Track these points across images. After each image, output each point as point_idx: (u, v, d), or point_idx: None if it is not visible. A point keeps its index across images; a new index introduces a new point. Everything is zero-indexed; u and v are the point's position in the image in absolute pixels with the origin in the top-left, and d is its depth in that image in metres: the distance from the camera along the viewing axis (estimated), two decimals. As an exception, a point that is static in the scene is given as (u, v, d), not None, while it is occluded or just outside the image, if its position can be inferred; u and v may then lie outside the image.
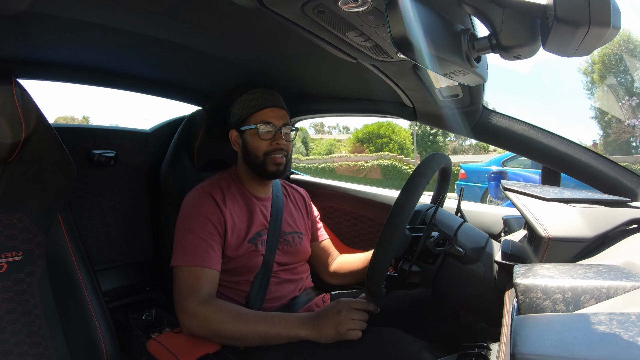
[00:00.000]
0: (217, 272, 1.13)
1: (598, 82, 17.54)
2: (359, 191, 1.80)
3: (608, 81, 16.93)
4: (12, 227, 0.93)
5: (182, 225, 1.16)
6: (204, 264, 1.10)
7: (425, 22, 0.58)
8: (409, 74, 1.09)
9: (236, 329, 1.02)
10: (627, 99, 15.34)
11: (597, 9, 0.52)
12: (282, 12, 0.76)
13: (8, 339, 0.89)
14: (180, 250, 1.12)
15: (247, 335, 1.02)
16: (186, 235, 1.13)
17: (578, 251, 0.81)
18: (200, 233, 1.13)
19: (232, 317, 1.03)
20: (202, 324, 1.04)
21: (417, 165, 0.94)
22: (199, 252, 1.11)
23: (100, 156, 1.47)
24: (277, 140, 1.24)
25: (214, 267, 1.12)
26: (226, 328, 1.02)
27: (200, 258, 1.10)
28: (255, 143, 1.24)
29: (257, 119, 1.24)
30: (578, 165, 1.18)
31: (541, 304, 0.56)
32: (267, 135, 1.23)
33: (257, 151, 1.24)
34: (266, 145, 1.24)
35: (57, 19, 1.00)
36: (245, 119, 1.25)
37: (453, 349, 0.90)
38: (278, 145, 1.24)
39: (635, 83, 16.47)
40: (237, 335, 1.03)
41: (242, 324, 1.03)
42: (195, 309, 1.04)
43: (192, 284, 1.08)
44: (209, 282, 1.10)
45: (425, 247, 0.95)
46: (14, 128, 0.89)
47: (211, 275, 1.11)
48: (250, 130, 1.24)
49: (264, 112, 1.24)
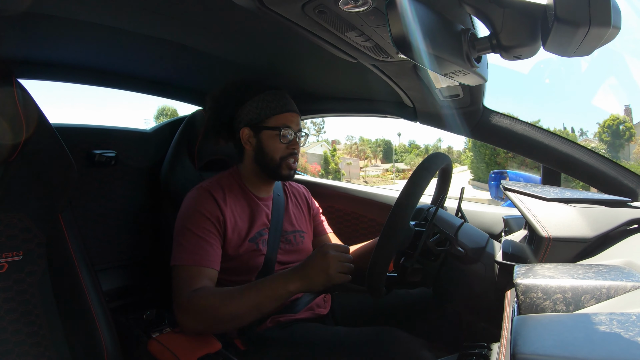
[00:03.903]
0: (216, 271, 1.12)
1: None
2: (360, 191, 1.80)
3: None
4: (13, 227, 0.93)
5: (181, 224, 1.16)
6: (203, 263, 1.10)
7: (425, 22, 0.58)
8: (410, 74, 1.09)
9: (228, 309, 1.00)
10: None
11: (598, 9, 0.52)
12: (282, 12, 0.76)
13: (8, 339, 0.89)
14: (179, 249, 1.12)
15: (239, 310, 1.00)
16: (185, 234, 1.13)
17: (578, 251, 0.81)
18: (199, 232, 1.13)
19: (220, 298, 1.02)
20: (196, 315, 1.02)
21: (422, 161, 0.94)
22: (197, 250, 1.10)
23: (101, 156, 1.47)
24: (293, 145, 1.26)
25: (213, 265, 1.12)
26: (218, 311, 1.00)
27: (198, 257, 1.10)
28: (273, 145, 1.24)
29: (278, 121, 1.24)
30: (578, 165, 1.18)
31: (542, 304, 0.56)
32: (286, 139, 1.25)
33: (275, 154, 1.25)
34: (283, 148, 1.25)
35: (58, 19, 1.00)
36: (265, 119, 1.25)
37: (453, 348, 0.90)
38: (294, 150, 1.26)
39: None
40: (230, 315, 1.01)
41: (230, 300, 1.01)
42: (189, 302, 1.02)
43: (189, 282, 1.07)
44: (206, 280, 1.09)
45: (426, 247, 0.95)
46: (15, 128, 0.89)
47: (209, 274, 1.10)
48: (270, 131, 1.24)
49: (286, 115, 1.26)
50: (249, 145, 1.28)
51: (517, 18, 0.63)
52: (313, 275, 1.00)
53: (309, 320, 1.24)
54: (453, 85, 1.10)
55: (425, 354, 0.97)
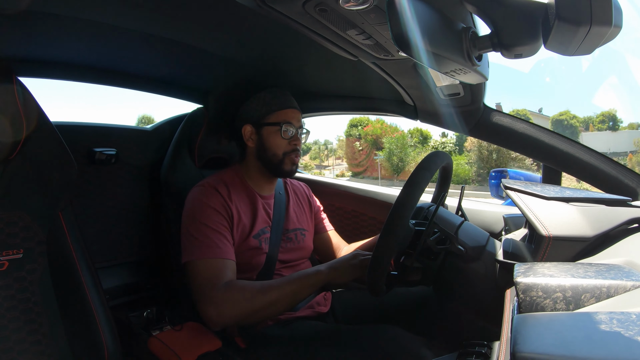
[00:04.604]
0: (234, 262, 1.12)
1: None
2: (360, 189, 1.80)
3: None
4: (13, 225, 0.93)
5: (191, 219, 1.14)
6: (222, 255, 1.09)
7: (426, 20, 0.58)
8: (410, 72, 1.09)
9: (267, 297, 1.03)
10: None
11: (599, 8, 0.52)
12: (283, 10, 0.76)
13: (9, 337, 0.89)
14: (194, 244, 1.10)
15: (278, 298, 1.04)
16: (199, 228, 1.12)
17: (579, 250, 0.81)
18: (213, 225, 1.12)
19: (257, 289, 1.04)
20: (234, 308, 1.02)
21: (421, 160, 0.93)
22: (214, 244, 1.10)
23: (102, 154, 1.47)
24: (295, 141, 1.27)
25: (231, 257, 1.11)
26: (258, 301, 1.02)
27: (218, 249, 1.09)
28: (276, 141, 1.25)
29: (279, 118, 1.25)
30: (579, 164, 1.18)
31: (542, 303, 0.56)
32: (288, 135, 1.25)
33: (277, 149, 1.25)
34: (285, 144, 1.26)
35: (58, 17, 1.00)
36: (266, 115, 1.26)
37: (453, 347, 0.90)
38: (296, 146, 1.27)
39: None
40: (268, 303, 1.03)
41: (269, 290, 1.04)
42: (223, 296, 1.02)
43: (214, 275, 1.06)
44: (230, 273, 1.09)
45: (426, 245, 0.95)
46: (15, 126, 0.89)
47: (231, 266, 1.10)
48: (271, 127, 1.25)
49: (287, 112, 1.27)
50: (251, 142, 1.28)
51: (518, 16, 0.63)
52: (340, 268, 1.09)
53: (309, 318, 1.24)
54: (454, 83, 1.10)
55: (425, 352, 0.97)
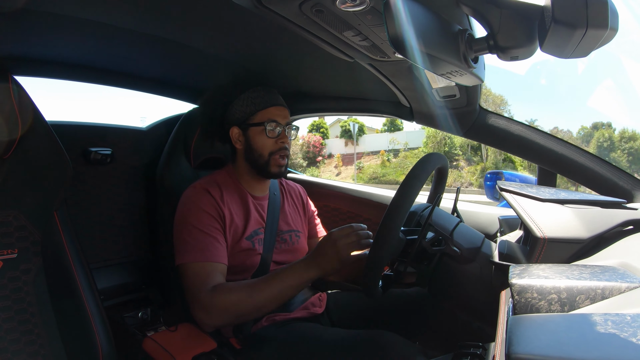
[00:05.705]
0: (225, 266, 1.12)
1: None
2: (355, 190, 1.80)
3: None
4: (7, 225, 0.92)
5: (183, 222, 1.15)
6: (212, 259, 1.09)
7: (422, 22, 0.58)
8: (406, 74, 1.10)
9: (254, 300, 1.03)
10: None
11: (595, 11, 0.52)
12: (279, 10, 0.76)
13: (3, 337, 0.88)
14: (186, 247, 1.11)
15: (266, 300, 1.03)
16: (190, 231, 1.12)
17: (574, 252, 0.81)
18: (204, 228, 1.12)
19: (245, 292, 1.03)
20: (221, 311, 1.02)
21: (413, 167, 0.93)
22: (205, 247, 1.10)
23: (97, 154, 1.46)
24: (282, 139, 1.25)
25: (222, 260, 1.11)
26: (246, 304, 1.02)
27: (208, 253, 1.09)
28: (261, 141, 1.24)
29: (263, 117, 1.24)
30: (574, 166, 1.19)
31: (536, 304, 0.56)
32: (274, 134, 1.24)
33: (263, 150, 1.24)
34: (272, 143, 1.24)
35: (54, 16, 1.00)
36: (250, 116, 1.25)
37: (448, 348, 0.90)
38: (283, 144, 1.25)
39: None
40: (257, 306, 1.03)
41: (257, 293, 1.03)
42: (211, 300, 1.02)
43: (203, 279, 1.06)
44: (219, 276, 1.09)
45: (421, 247, 0.95)
46: (11, 125, 0.89)
47: (221, 269, 1.10)
48: (256, 127, 1.24)
49: (270, 110, 1.25)
50: (240, 144, 1.28)
51: (515, 19, 0.64)
52: (326, 264, 1.04)
53: (304, 320, 1.24)
54: (450, 85, 1.10)
55: (420, 357, 0.97)
